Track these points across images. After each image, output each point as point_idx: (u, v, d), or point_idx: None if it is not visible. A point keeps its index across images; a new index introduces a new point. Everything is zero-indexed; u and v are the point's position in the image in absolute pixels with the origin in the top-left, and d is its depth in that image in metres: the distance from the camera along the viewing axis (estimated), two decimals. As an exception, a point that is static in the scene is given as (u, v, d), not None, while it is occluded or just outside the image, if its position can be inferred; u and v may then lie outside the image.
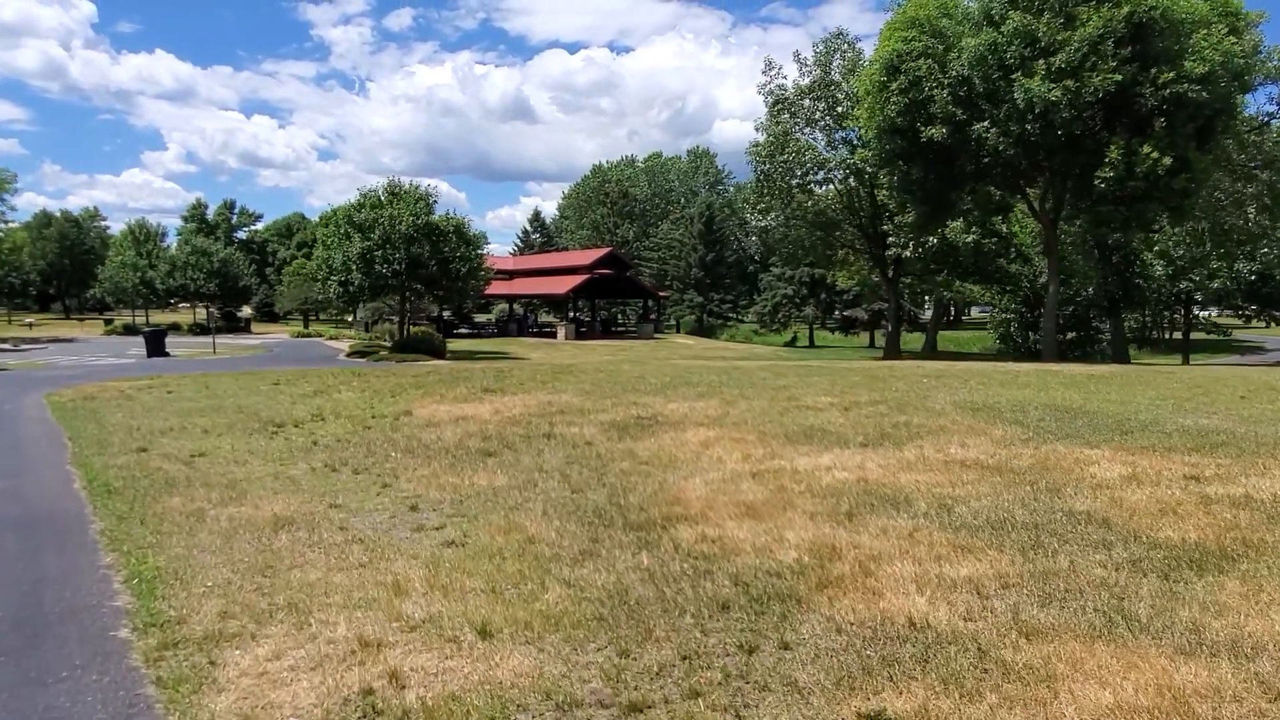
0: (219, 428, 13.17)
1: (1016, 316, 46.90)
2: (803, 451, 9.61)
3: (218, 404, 16.12)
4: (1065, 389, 15.52)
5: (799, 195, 40.31)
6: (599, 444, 10.55)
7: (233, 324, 70.12)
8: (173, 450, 11.24)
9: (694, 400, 13.85)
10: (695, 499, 7.63)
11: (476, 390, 16.27)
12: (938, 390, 14.77)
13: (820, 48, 39.64)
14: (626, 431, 11.27)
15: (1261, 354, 62.92)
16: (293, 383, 19.68)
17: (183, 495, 8.54)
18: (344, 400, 16.01)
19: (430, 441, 11.18)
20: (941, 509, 7.09)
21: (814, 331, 79.42)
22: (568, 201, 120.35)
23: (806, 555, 5.96)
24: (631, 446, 10.29)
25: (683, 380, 16.78)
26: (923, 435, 10.40)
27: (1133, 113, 27.03)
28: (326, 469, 9.79)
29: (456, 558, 6.23)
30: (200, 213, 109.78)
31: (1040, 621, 4.70)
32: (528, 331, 69.90)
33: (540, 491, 8.26)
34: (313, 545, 6.68)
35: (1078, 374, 19.32)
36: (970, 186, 31.13)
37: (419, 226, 42.79)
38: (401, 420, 13.24)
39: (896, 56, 29.23)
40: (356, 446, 11.11)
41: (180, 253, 68.46)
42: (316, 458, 10.50)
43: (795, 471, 8.57)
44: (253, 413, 14.68)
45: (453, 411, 13.84)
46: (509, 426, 12.04)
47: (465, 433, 11.70)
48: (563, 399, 14.59)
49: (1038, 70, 26.43)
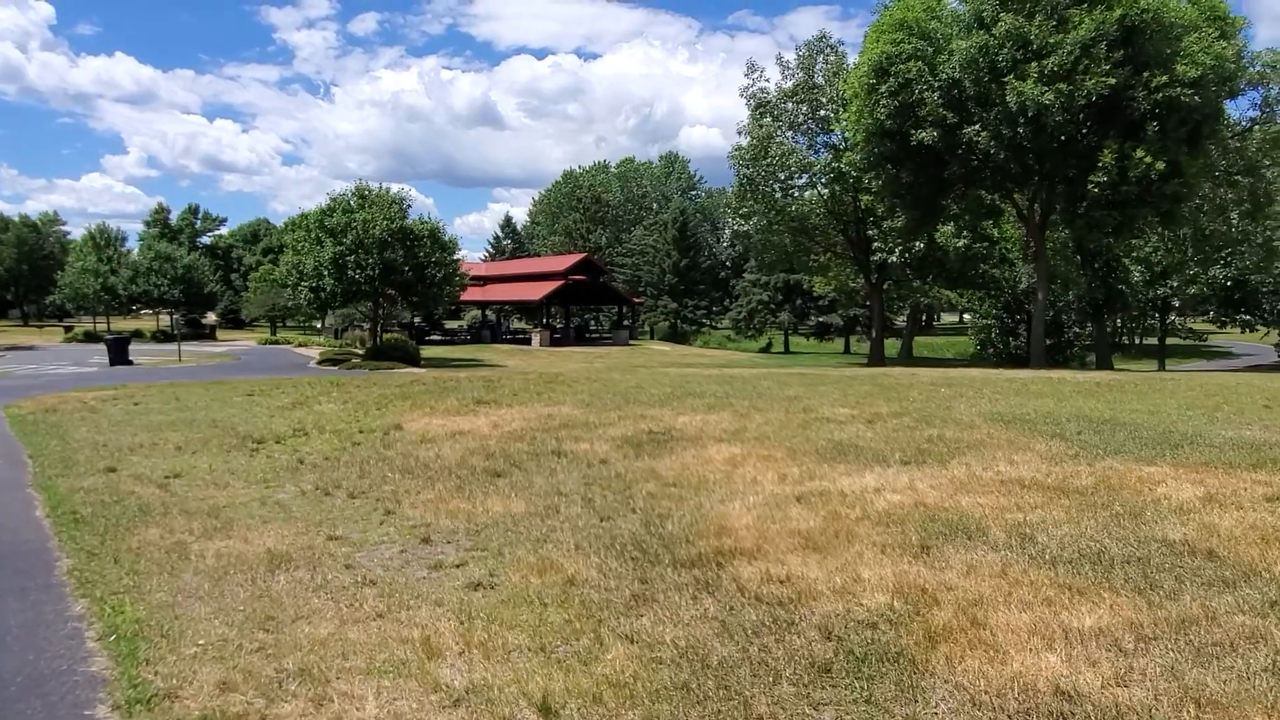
0: (193, 444, 12.19)
1: (997, 322, 46.65)
2: (841, 470, 8.86)
3: (189, 417, 15.09)
4: (1084, 398, 14.94)
5: (782, 199, 39.74)
6: (615, 462, 9.73)
7: (197, 331, 68.34)
8: (145, 470, 10.27)
9: (704, 413, 13.07)
10: (743, 528, 6.84)
11: (468, 402, 15.37)
12: (956, 400, 14.12)
13: (803, 50, 39.19)
14: (642, 448, 10.45)
15: (1231, 359, 63.45)
16: (268, 393, 18.66)
17: (160, 525, 7.60)
18: (326, 413, 15.05)
19: (429, 460, 10.30)
20: (1022, 539, 6.36)
21: (789, 338, 79.04)
22: (539, 207, 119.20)
23: (896, 599, 5.19)
24: (652, 465, 9.48)
25: (685, 391, 16.00)
26: (963, 451, 9.69)
27: (1125, 117, 26.72)
28: (318, 492, 8.88)
29: (489, 605, 5.38)
30: (163, 217, 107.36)
31: (1210, 689, 3.96)
32: (501, 338, 68.88)
33: (565, 519, 7.43)
34: (318, 589, 5.80)
35: (1086, 381, 18.80)
36: (959, 191, 30.71)
37: (393, 231, 41.69)
38: (392, 436, 12.33)
39: (885, 58, 28.71)
40: (348, 466, 10.20)
41: (143, 258, 66.56)
42: (305, 479, 9.58)
43: (842, 494, 7.82)
44: (228, 427, 13.70)
45: (447, 425, 12.95)
46: (512, 442, 11.18)
47: (466, 450, 10.82)
48: (563, 411, 13.75)
49: (1030, 73, 26.03)
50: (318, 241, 41.63)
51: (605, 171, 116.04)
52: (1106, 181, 25.94)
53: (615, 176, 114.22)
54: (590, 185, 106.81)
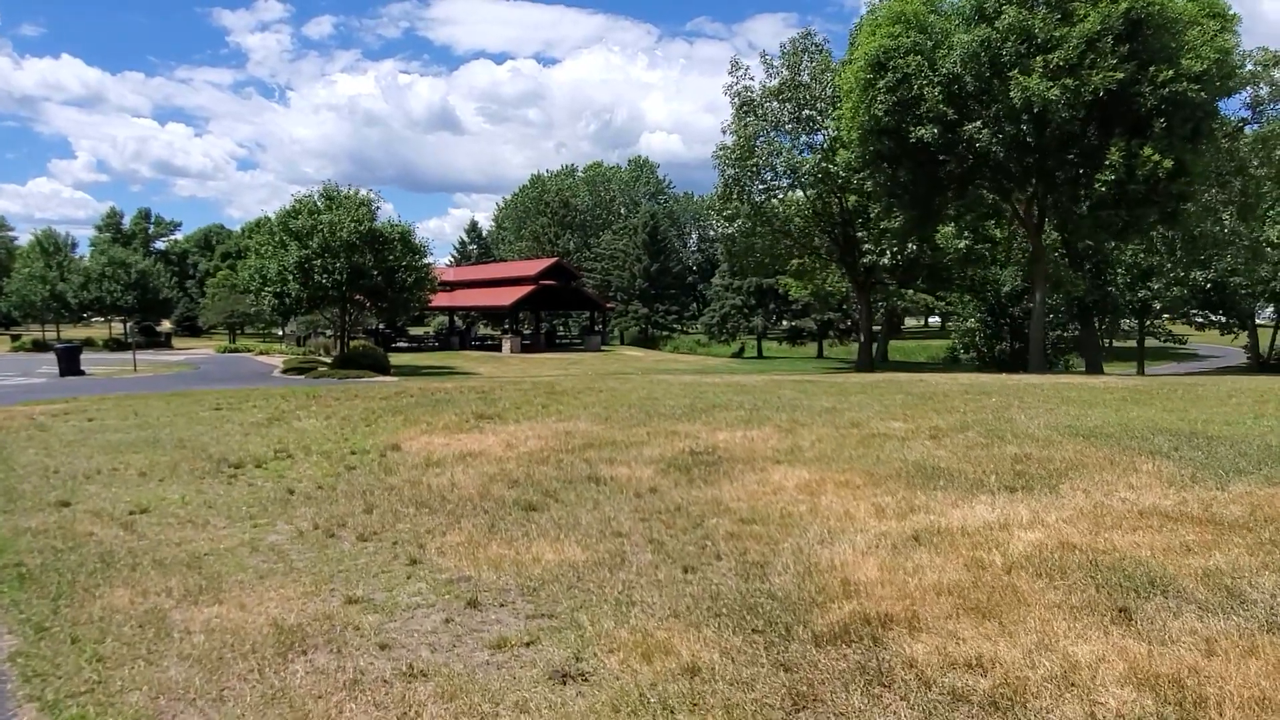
0: (160, 469, 10.60)
1: (981, 325, 45.90)
2: (942, 499, 7.55)
3: (152, 435, 13.44)
4: (1137, 406, 13.79)
5: (765, 201, 38.58)
6: (667, 491, 8.34)
7: (152, 339, 65.64)
8: (105, 504, 8.69)
9: (742, 428, 11.71)
10: (873, 582, 5.49)
11: (467, 417, 13.87)
12: (1011, 410, 12.90)
13: (788, 48, 38.02)
14: (690, 472, 9.07)
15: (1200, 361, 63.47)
16: (237, 407, 17.00)
17: (129, 583, 6.08)
18: (308, 430, 13.47)
19: (443, 489, 8.83)
20: (1228, 594, 5.09)
21: (761, 342, 78.09)
22: (505, 212, 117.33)
23: (1146, 697, 3.86)
24: (713, 495, 8.10)
25: (706, 402, 14.62)
26: (1065, 473, 8.44)
27: (1130, 113, 25.91)
28: (320, 533, 7.39)
29: (595, 713, 3.97)
30: (115, 222, 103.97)
31: None
32: (469, 344, 67.02)
33: (639, 571, 6.02)
34: (351, 686, 4.33)
35: (1119, 387, 17.71)
36: (955, 190, 29.76)
37: (361, 234, 39.88)
38: (392, 458, 10.82)
39: (883, 52, 27.62)
40: (348, 497, 8.69)
41: (94, 264, 63.80)
42: (300, 515, 8.08)
43: (964, 532, 6.50)
44: (198, 447, 12.09)
45: (451, 445, 11.46)
46: (535, 466, 9.73)
47: (484, 476, 9.36)
48: (580, 428, 12.31)
49: (1035, 68, 25.08)
50: (282, 245, 39.73)
51: (572, 176, 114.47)
52: (1114, 180, 25.08)
53: (583, 181, 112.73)
54: (558, 189, 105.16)
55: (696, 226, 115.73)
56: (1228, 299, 50.34)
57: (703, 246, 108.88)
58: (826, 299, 66.24)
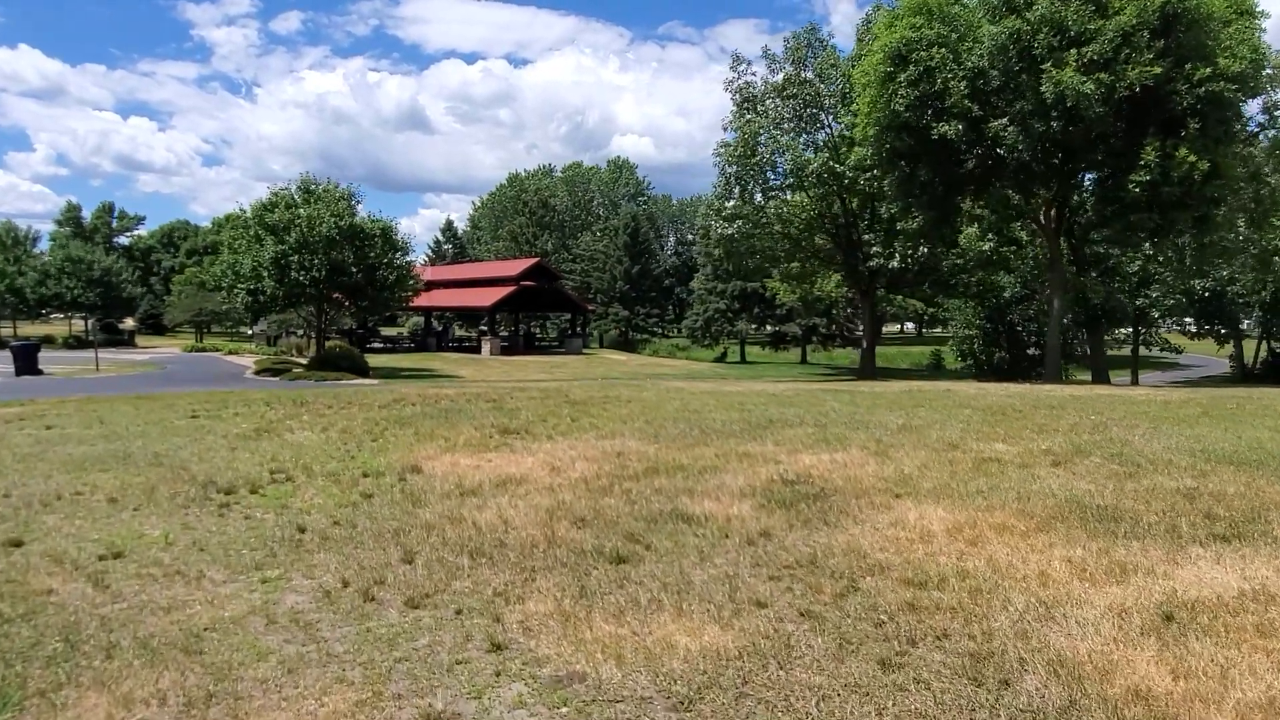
0: (133, 493, 8.79)
1: (980, 333, 44.75)
2: (1146, 554, 5.97)
3: (122, 448, 11.59)
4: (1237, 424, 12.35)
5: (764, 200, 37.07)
6: (781, 535, 6.69)
7: (114, 337, 62.86)
8: (68, 544, 6.92)
9: (825, 450, 10.08)
10: (1176, 701, 3.89)
11: (489, 432, 12.14)
12: (1112, 429, 11.41)
13: (791, 43, 36.56)
14: (795, 509, 7.43)
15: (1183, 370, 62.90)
16: (216, 414, 15.12)
17: (103, 684, 4.33)
18: (305, 445, 11.67)
19: (493, 527, 7.12)
20: None
21: (744, 347, 76.79)
22: (481, 211, 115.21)
23: None
24: (846, 542, 6.46)
25: (759, 416, 12.97)
26: (1263, 516, 6.91)
27: (1164, 112, 24.71)
28: (354, 595, 5.66)
29: None
30: (75, 216, 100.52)
31: None
32: (446, 346, 64.98)
33: (817, 666, 4.36)
34: None
35: (1189, 400, 16.24)
36: (974, 190, 28.46)
37: (341, 229, 37.83)
38: (414, 483, 9.07)
39: (904, 45, 26.22)
40: (377, 539, 6.96)
41: (54, 259, 61.07)
42: (320, 563, 6.35)
43: (1225, 606, 4.93)
44: (178, 465, 10.28)
45: (483, 467, 9.73)
46: (599, 498, 8.04)
47: (538, 510, 7.65)
48: (630, 447, 10.62)
49: (1069, 61, 23.78)
50: (257, 239, 37.56)
51: (550, 175, 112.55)
52: (1148, 181, 23.88)
53: (561, 181, 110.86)
54: (536, 189, 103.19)
55: (674, 229, 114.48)
56: (1223, 308, 49.72)
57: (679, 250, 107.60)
58: (814, 304, 64.99)
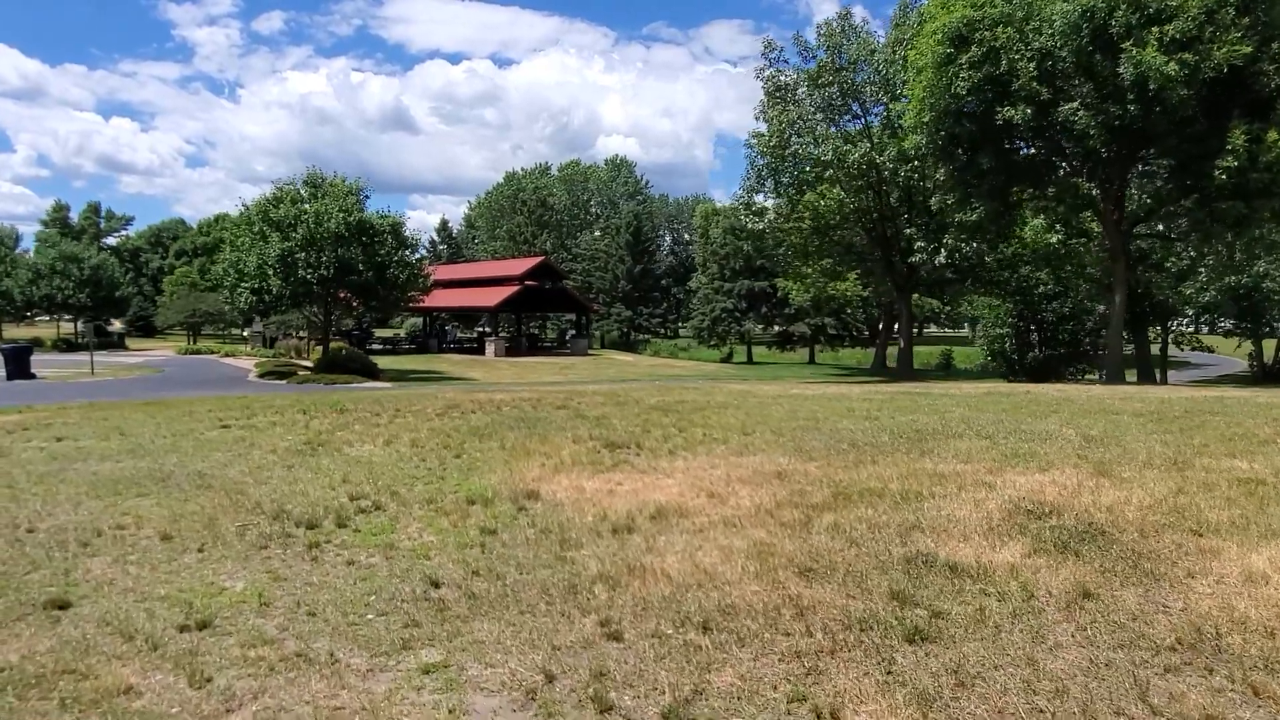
0: (190, 527, 6.97)
1: (1012, 331, 43.06)
2: None
3: (155, 465, 9.73)
4: None
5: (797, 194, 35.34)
6: (1105, 597, 4.89)
7: (105, 339, 60.53)
8: (130, 606, 5.11)
9: (1034, 469, 8.25)
10: None
11: (591, 445, 10.31)
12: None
13: (824, 30, 34.83)
14: (1077, 554, 5.60)
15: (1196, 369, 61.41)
16: (248, 423, 13.24)
17: None
18: (376, 463, 9.81)
19: (696, 582, 5.30)
20: None
21: (751, 347, 75.16)
22: (477, 211, 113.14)
23: None
24: (1206, 608, 4.69)
25: (901, 426, 11.19)
26: None
27: (1251, 93, 23.11)
28: (573, 695, 3.84)
29: None
30: (63, 216, 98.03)
31: None
32: (447, 347, 63.07)
33: None
34: None
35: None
36: (1035, 180, 26.82)
37: (350, 225, 35.90)
38: (540, 514, 7.24)
39: (965, 24, 24.53)
40: (543, 598, 5.14)
41: (43, 258, 58.78)
42: (488, 643, 4.52)
43: None
44: (232, 489, 8.43)
45: (616, 493, 7.91)
46: (800, 537, 6.20)
47: (733, 554, 5.83)
48: (785, 466, 8.78)
49: (1150, 40, 22.15)
50: (262, 236, 35.60)
51: (547, 174, 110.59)
52: (1235, 167, 22.29)
53: (559, 179, 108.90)
54: (534, 188, 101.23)
55: (670, 229, 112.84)
56: (1256, 306, 48.33)
57: (675, 249, 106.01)
58: (824, 303, 63.38)
